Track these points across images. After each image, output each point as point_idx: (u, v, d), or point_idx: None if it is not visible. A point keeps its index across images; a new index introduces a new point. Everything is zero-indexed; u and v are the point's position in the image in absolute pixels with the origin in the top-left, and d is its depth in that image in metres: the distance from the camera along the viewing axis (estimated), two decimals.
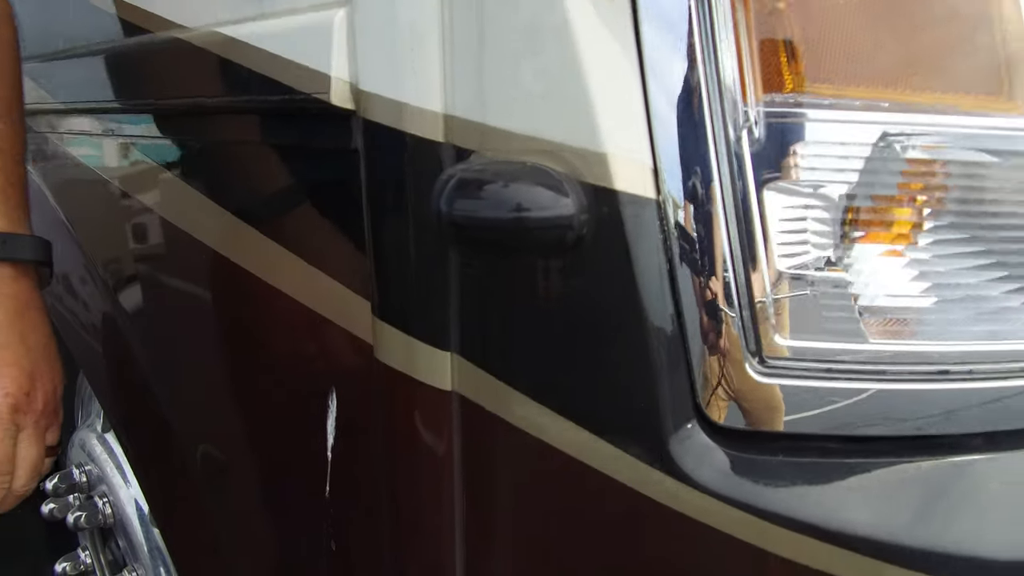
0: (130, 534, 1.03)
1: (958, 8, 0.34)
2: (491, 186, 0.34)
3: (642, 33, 0.33)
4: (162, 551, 0.96)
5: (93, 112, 0.65)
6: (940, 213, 0.35)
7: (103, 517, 1.06)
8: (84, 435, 1.14)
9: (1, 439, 0.50)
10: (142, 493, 0.92)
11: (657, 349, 0.34)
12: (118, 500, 1.04)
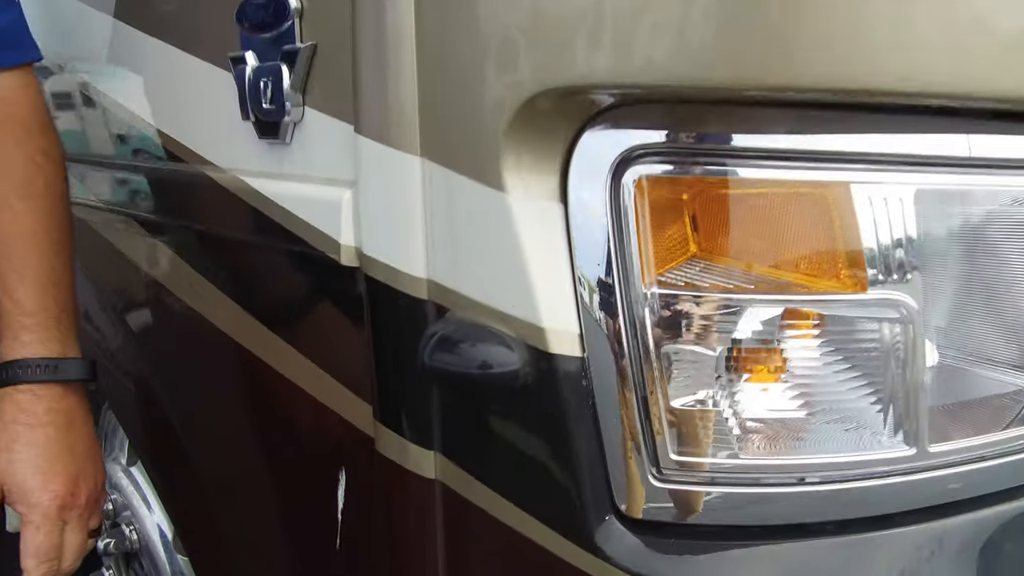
0: (154, 557, 1.15)
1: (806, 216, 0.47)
2: (463, 345, 0.47)
3: (572, 236, 0.46)
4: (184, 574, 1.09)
5: (133, 216, 0.78)
6: (794, 360, 0.48)
7: (129, 543, 1.19)
8: (109, 467, 1.26)
9: (49, 532, 0.63)
10: (171, 525, 1.05)
11: (584, 462, 0.47)
12: (143, 527, 1.17)
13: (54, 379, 0.64)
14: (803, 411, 0.49)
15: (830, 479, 0.49)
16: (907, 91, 0.42)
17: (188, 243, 0.72)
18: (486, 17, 0.45)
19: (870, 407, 0.50)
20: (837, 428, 0.50)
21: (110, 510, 1.23)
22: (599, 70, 0.41)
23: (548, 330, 0.46)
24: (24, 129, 0.66)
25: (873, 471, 0.50)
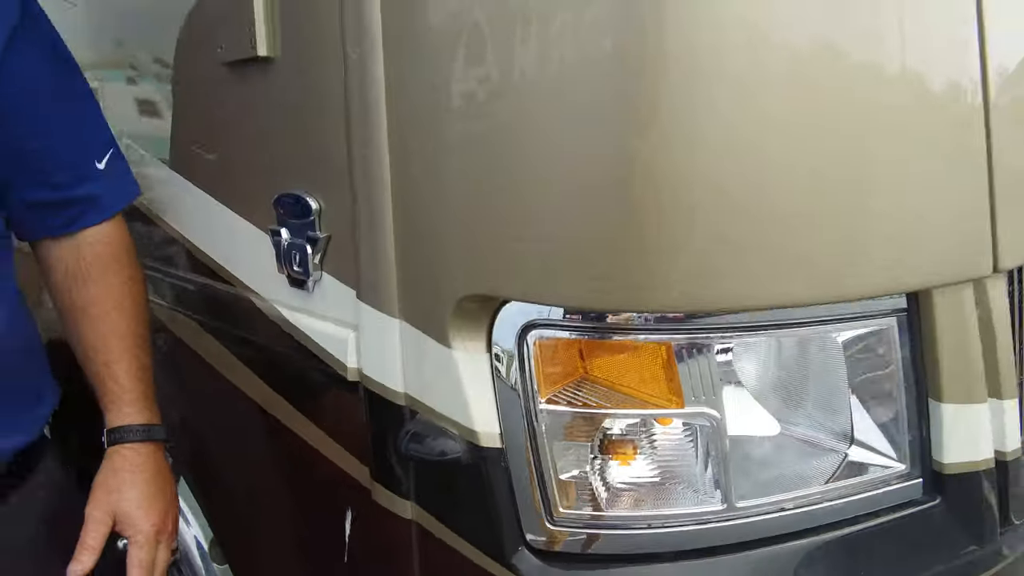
0: (192, 564, 1.44)
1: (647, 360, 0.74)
2: (427, 440, 0.75)
3: (494, 373, 0.74)
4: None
5: (193, 317, 1.06)
6: (642, 446, 0.76)
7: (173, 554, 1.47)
8: None
9: (150, 550, 0.91)
10: (206, 538, 1.33)
11: (504, 512, 0.75)
12: (183, 540, 1.45)
13: (148, 439, 0.93)
14: (648, 480, 0.77)
15: (667, 524, 0.78)
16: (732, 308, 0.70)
17: (235, 341, 0.99)
18: (435, 236, 0.73)
19: (694, 476, 0.78)
20: (672, 490, 0.78)
21: None
22: (512, 289, 0.69)
23: (480, 432, 0.74)
24: (119, 262, 0.94)
25: (698, 518, 0.78)
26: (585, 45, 0.64)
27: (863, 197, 0.72)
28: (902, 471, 0.89)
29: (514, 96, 0.67)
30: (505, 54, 0.66)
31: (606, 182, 0.64)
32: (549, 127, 0.66)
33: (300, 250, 0.82)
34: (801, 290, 0.73)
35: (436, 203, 0.72)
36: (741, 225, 0.68)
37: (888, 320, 0.83)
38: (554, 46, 0.65)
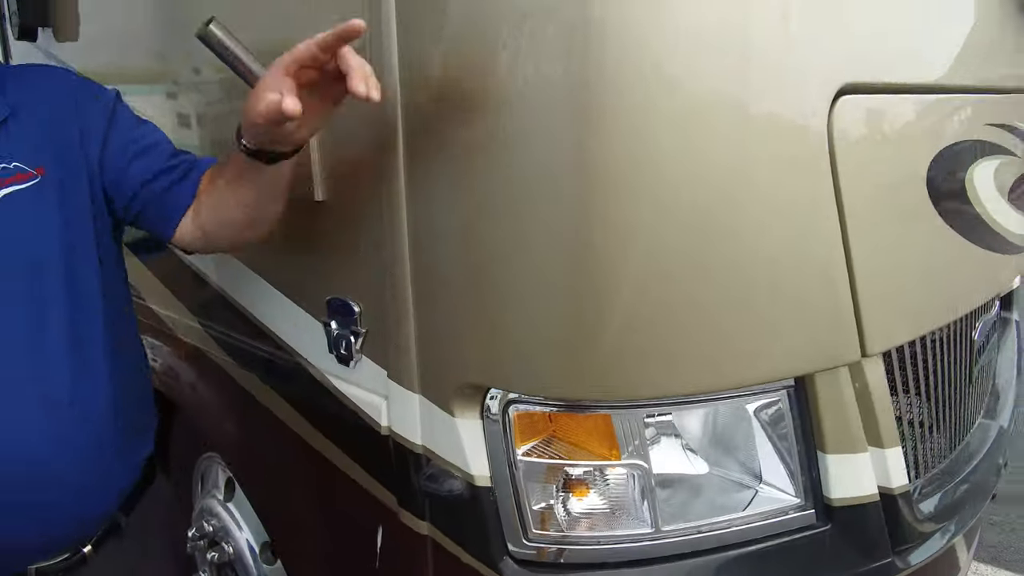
0: (245, 565, 1.77)
1: (593, 428, 1.06)
2: (438, 479, 1.07)
3: (485, 435, 1.06)
4: None
5: (257, 374, 1.40)
6: (594, 486, 1.07)
7: (227, 555, 1.81)
8: (209, 502, 1.88)
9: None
10: (257, 542, 1.66)
11: (493, 530, 1.07)
12: (236, 543, 1.79)
13: None
14: (598, 510, 1.08)
15: (612, 542, 1.09)
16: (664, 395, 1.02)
17: (289, 395, 1.33)
18: (442, 337, 1.05)
19: (631, 507, 1.09)
20: (615, 517, 1.09)
21: (210, 532, 1.85)
22: (495, 380, 1.01)
23: (475, 475, 1.06)
24: None
25: (634, 538, 1.10)
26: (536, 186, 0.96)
27: (750, 315, 1.03)
28: (799, 504, 1.20)
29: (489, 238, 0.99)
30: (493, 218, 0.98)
31: (550, 314, 0.96)
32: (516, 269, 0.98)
33: (346, 339, 1.15)
34: (709, 381, 1.05)
35: (441, 315, 1.05)
36: (661, 338, 0.99)
37: (781, 394, 1.14)
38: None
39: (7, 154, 1.03)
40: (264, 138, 0.96)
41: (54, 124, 1.09)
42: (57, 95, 1.11)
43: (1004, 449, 1.92)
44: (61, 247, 1.06)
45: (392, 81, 1.00)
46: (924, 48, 1.21)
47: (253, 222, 1.12)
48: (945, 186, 1.26)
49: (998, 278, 1.57)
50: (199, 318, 1.56)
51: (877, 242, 1.13)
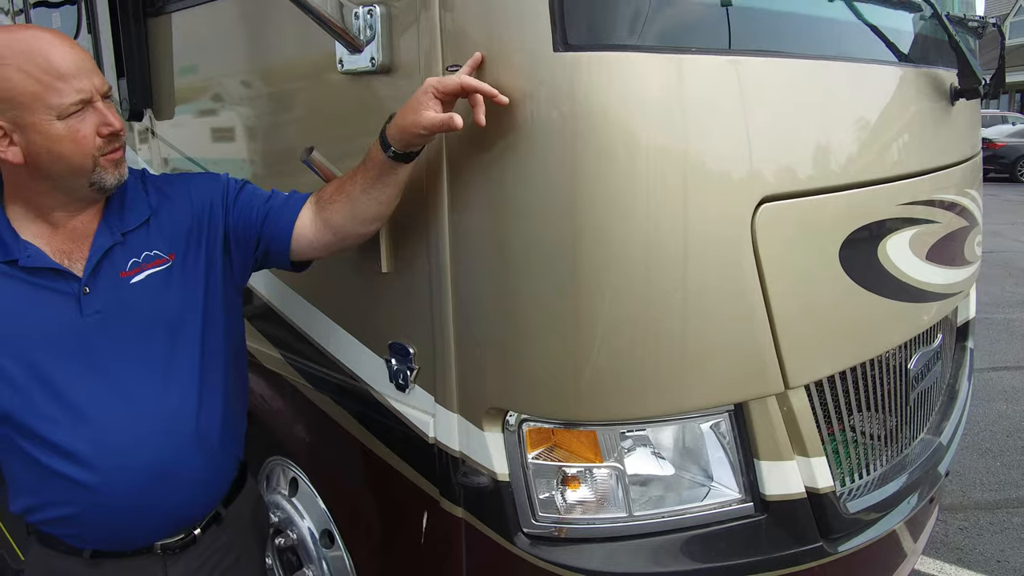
0: (308, 549, 2.22)
1: (583, 441, 1.50)
2: (471, 475, 1.53)
3: (505, 444, 1.51)
4: (327, 560, 2.16)
5: (328, 393, 1.86)
6: (586, 482, 1.52)
7: (291, 540, 2.27)
8: (275, 498, 2.34)
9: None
10: (336, 527, 2.11)
11: (510, 513, 1.52)
12: (300, 532, 2.24)
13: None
14: (587, 499, 1.53)
15: (596, 523, 1.54)
16: (634, 416, 1.46)
17: (356, 413, 1.79)
18: (472, 374, 1.50)
19: (611, 498, 1.53)
20: (599, 504, 1.54)
21: (276, 522, 2.31)
22: (512, 405, 1.47)
23: (498, 472, 1.51)
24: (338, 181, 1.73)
25: (613, 520, 1.54)
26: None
27: (698, 358, 1.47)
28: (741, 498, 1.64)
29: (504, 306, 1.44)
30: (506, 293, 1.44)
31: (549, 357, 1.41)
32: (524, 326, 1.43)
33: (404, 372, 1.60)
34: (668, 406, 1.49)
35: (474, 357, 1.50)
36: (630, 376, 1.44)
37: (724, 416, 1.58)
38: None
39: (149, 245, 1.49)
40: (411, 144, 1.39)
41: (182, 217, 1.54)
42: (184, 194, 1.57)
43: (944, 461, 2.34)
44: (191, 309, 1.51)
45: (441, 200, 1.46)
46: (842, 155, 1.64)
47: (380, 216, 1.50)
48: (858, 258, 1.69)
49: (917, 321, 1.99)
50: (280, 350, 2.03)
51: (795, 304, 1.56)
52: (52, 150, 1.31)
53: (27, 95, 1.28)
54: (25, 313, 1.36)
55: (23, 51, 1.28)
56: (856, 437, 1.94)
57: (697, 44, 1.36)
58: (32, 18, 3.16)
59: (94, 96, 1.33)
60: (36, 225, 1.41)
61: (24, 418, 1.36)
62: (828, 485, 1.73)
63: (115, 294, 1.42)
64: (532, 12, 1.28)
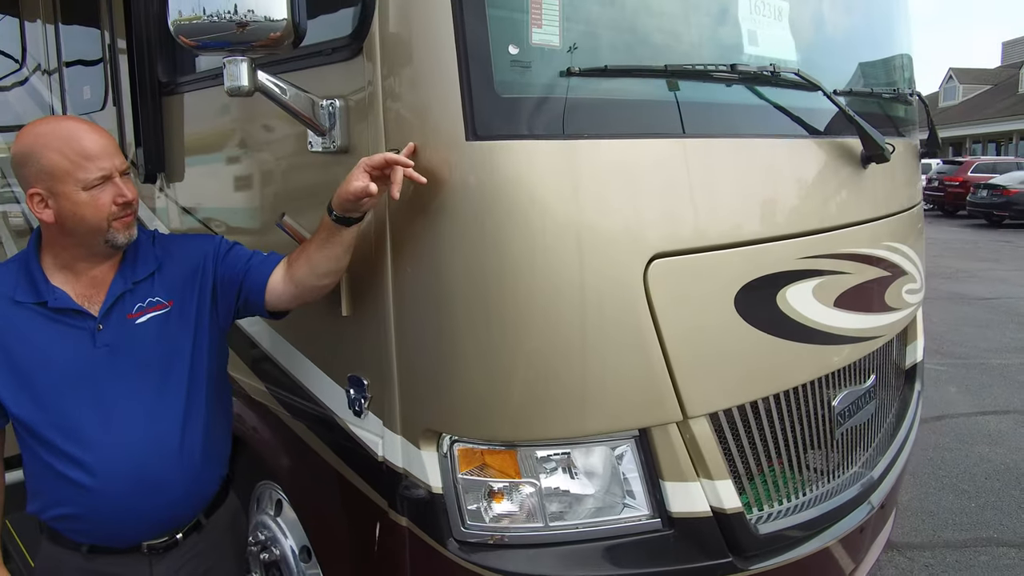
0: (289, 564, 2.53)
1: None
2: (412, 489, 1.85)
3: (440, 463, 1.83)
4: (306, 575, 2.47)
5: (300, 418, 2.20)
6: (511, 497, 1.83)
7: (275, 556, 2.58)
8: (263, 518, 2.67)
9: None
10: (311, 543, 2.43)
11: (443, 522, 1.83)
12: (283, 550, 2.56)
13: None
14: (511, 511, 1.83)
15: (518, 532, 1.84)
16: (548, 438, 1.78)
17: (321, 434, 2.12)
18: (413, 402, 1.83)
19: (531, 509, 1.84)
20: (521, 515, 1.84)
21: (263, 540, 2.64)
22: (444, 427, 1.79)
23: (433, 486, 1.82)
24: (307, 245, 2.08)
25: (532, 530, 1.84)
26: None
27: (602, 390, 1.79)
28: (649, 514, 1.93)
29: (437, 340, 1.77)
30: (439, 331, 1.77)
31: (475, 387, 1.74)
32: (453, 359, 1.76)
33: (359, 401, 1.94)
34: (576, 430, 1.80)
35: (414, 387, 1.83)
36: (542, 404, 1.75)
37: (630, 441, 1.88)
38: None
39: (153, 293, 1.87)
40: (348, 209, 1.74)
41: (181, 271, 1.92)
42: (184, 251, 1.96)
43: (876, 494, 2.59)
44: (184, 348, 1.89)
45: (385, 255, 1.82)
46: (732, 217, 1.97)
47: (334, 271, 1.85)
48: (756, 304, 2.00)
49: (826, 362, 2.28)
50: (264, 382, 2.39)
51: (690, 344, 1.87)
52: (76, 213, 1.71)
53: (61, 171, 1.69)
54: (50, 344, 1.75)
55: (62, 137, 1.71)
56: (773, 466, 2.22)
57: (587, 131, 1.71)
58: (65, 76, 3.65)
59: (113, 173, 1.74)
60: (63, 273, 1.81)
61: (43, 430, 1.73)
62: (735, 506, 2.01)
63: (122, 331, 1.80)
64: (451, 110, 1.65)
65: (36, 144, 1.70)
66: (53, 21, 3.74)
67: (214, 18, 1.55)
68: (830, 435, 2.40)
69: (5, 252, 5.08)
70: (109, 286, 1.83)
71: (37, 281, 1.77)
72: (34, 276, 1.77)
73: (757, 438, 2.13)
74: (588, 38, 1.84)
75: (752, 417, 2.10)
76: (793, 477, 2.29)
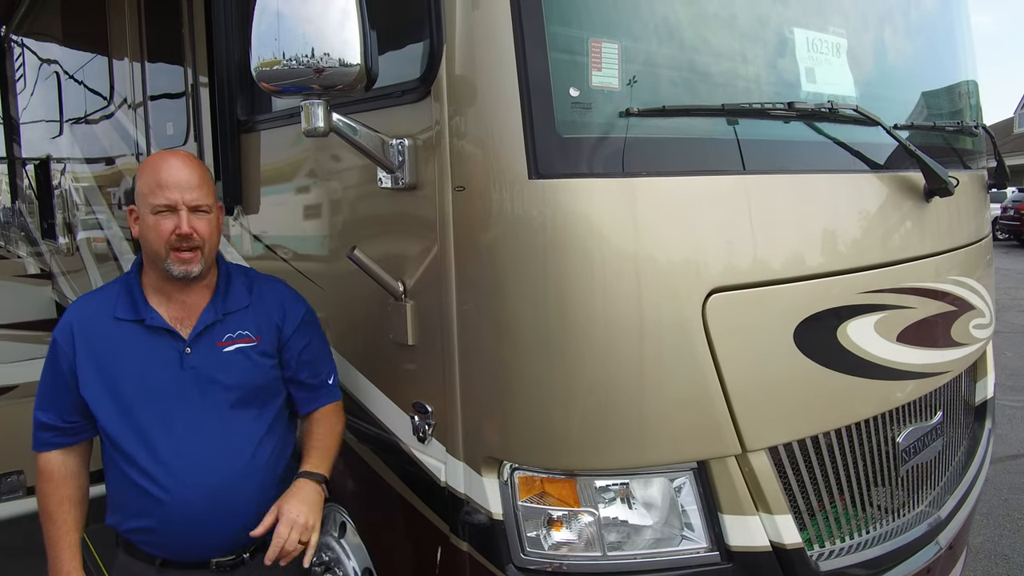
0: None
1: (567, 491, 1.86)
2: (473, 515, 1.91)
3: (500, 489, 1.88)
4: None
5: (369, 445, 2.29)
6: (567, 525, 1.87)
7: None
8: (327, 539, 2.75)
9: (286, 527, 1.92)
10: (374, 565, 2.50)
11: (502, 547, 1.88)
12: (346, 571, 2.64)
13: (309, 478, 2.06)
14: (570, 539, 1.87)
15: (578, 560, 1.87)
16: (608, 468, 1.82)
17: (386, 459, 2.20)
18: (475, 429, 1.90)
19: (590, 538, 1.87)
20: (580, 544, 1.87)
21: (327, 560, 2.72)
22: (505, 455, 1.85)
23: (494, 513, 1.88)
24: (333, 416, 2.17)
25: (591, 559, 1.87)
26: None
27: (662, 422, 1.82)
28: (707, 547, 1.94)
29: (501, 373, 1.83)
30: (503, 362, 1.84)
31: (537, 416, 1.79)
32: (516, 389, 1.82)
33: (424, 427, 2.02)
34: (635, 461, 1.84)
35: (477, 415, 1.90)
36: (604, 435, 1.80)
37: (689, 473, 1.91)
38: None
39: (243, 326, 2.01)
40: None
41: (268, 316, 2.06)
42: (275, 297, 2.10)
43: (944, 534, 2.53)
44: (263, 380, 2.03)
45: (450, 288, 1.90)
46: (791, 253, 1.99)
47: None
48: (816, 338, 2.01)
49: (889, 398, 2.26)
50: None
51: (748, 377, 1.89)
52: (145, 235, 1.91)
53: (141, 193, 1.90)
54: (142, 361, 1.90)
55: (154, 164, 1.93)
56: (835, 502, 2.20)
57: (647, 168, 1.77)
58: (150, 111, 3.90)
59: (179, 205, 1.89)
60: (157, 295, 1.98)
61: (128, 444, 1.87)
62: (795, 541, 2.00)
63: (209, 357, 1.94)
64: (514, 149, 1.73)
65: (143, 167, 1.93)
66: (140, 59, 4.01)
67: (293, 62, 1.67)
68: (895, 472, 2.37)
69: (88, 277, 5.40)
70: (201, 313, 1.98)
71: (137, 300, 1.94)
72: (134, 295, 1.95)
73: (818, 473, 2.13)
74: (646, 78, 1.90)
75: (813, 452, 2.09)
76: (856, 514, 2.26)
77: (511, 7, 1.74)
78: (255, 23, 1.70)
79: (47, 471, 1.94)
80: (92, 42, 4.87)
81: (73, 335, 1.90)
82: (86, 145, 5.20)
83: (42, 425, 1.93)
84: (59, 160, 6.09)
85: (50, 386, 1.93)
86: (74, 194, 5.64)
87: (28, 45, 7.12)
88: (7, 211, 9.74)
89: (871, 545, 2.27)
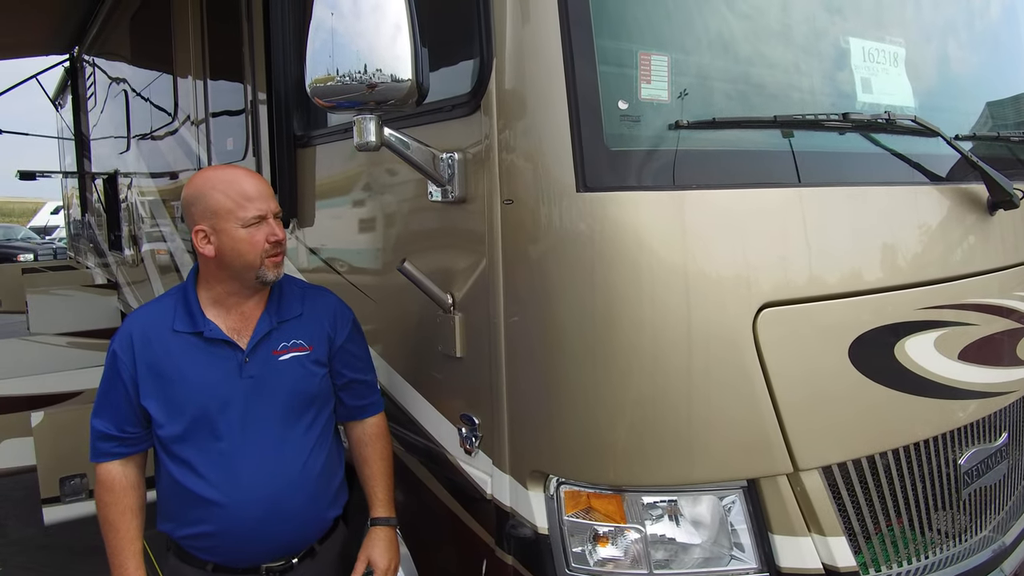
0: None
1: (613, 507, 1.84)
2: (519, 528, 1.90)
3: (546, 503, 1.87)
4: None
5: (417, 456, 2.30)
6: (618, 541, 1.84)
7: None
8: None
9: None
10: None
11: (548, 561, 1.86)
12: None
13: (387, 525, 2.13)
14: (615, 556, 1.85)
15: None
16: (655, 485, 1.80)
17: (434, 471, 2.21)
18: (520, 446, 1.89)
19: (636, 555, 1.84)
20: (626, 560, 1.84)
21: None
22: (551, 469, 1.84)
23: (539, 527, 1.86)
24: (383, 437, 2.20)
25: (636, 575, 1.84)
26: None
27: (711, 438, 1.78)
28: (757, 568, 1.89)
29: (546, 388, 1.82)
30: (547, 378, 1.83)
31: (583, 433, 1.78)
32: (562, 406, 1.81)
33: (471, 439, 2.02)
34: (682, 478, 1.80)
35: (523, 429, 1.89)
36: (651, 451, 1.77)
37: (738, 491, 1.86)
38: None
39: (297, 335, 2.05)
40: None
41: (320, 325, 2.10)
42: (326, 307, 2.14)
43: (1009, 562, 2.42)
44: (315, 388, 2.06)
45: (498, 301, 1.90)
46: (846, 267, 1.94)
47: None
48: (872, 355, 1.95)
49: (951, 418, 2.17)
50: None
51: (801, 394, 1.85)
52: (235, 248, 1.94)
53: (224, 210, 1.93)
54: (201, 372, 1.95)
55: (226, 180, 1.96)
56: (892, 525, 2.12)
57: (697, 181, 1.75)
58: (211, 127, 4.02)
59: (268, 214, 1.96)
60: (216, 308, 2.02)
61: (186, 452, 1.91)
62: (849, 565, 1.94)
63: (267, 366, 1.98)
64: (563, 162, 1.73)
65: (204, 186, 1.94)
66: (203, 77, 4.14)
67: (346, 79, 1.70)
68: (956, 495, 2.28)
69: (151, 287, 5.59)
70: (257, 322, 2.02)
71: (194, 313, 1.98)
72: (191, 308, 1.98)
73: (875, 495, 2.05)
74: (696, 90, 1.88)
75: (869, 473, 2.03)
76: (915, 538, 2.18)
77: (560, 21, 1.75)
78: (310, 41, 1.74)
79: (107, 481, 1.99)
80: (158, 61, 5.05)
81: (133, 346, 1.95)
82: (151, 160, 5.39)
83: (101, 435, 1.97)
84: (126, 175, 6.32)
85: (109, 396, 1.97)
86: (139, 207, 5.84)
87: (99, 65, 7.43)
88: (77, 224, 10.16)
89: (930, 571, 2.19)
